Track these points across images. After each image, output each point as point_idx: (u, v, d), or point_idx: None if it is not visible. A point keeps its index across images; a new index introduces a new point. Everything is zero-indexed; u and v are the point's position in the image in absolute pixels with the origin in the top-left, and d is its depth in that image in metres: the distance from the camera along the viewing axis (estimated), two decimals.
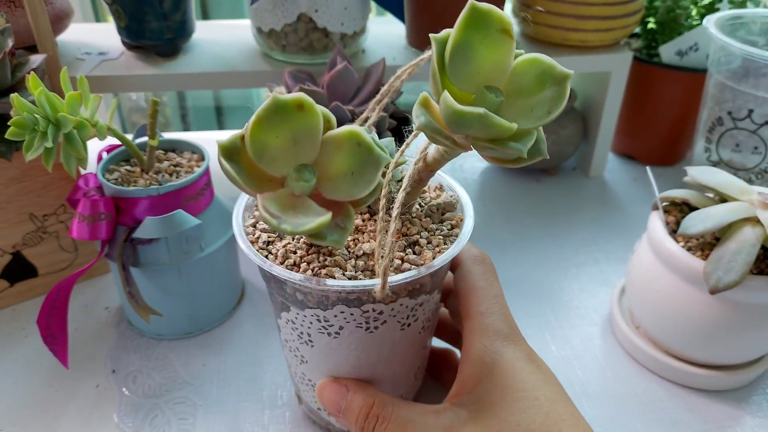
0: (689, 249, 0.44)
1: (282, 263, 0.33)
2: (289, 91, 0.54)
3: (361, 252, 0.33)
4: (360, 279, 0.32)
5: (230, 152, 0.27)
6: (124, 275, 0.44)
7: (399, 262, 0.33)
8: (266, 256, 0.34)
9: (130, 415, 0.44)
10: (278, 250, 0.34)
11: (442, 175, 0.39)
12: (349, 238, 0.34)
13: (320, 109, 0.28)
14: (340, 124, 0.30)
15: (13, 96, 0.40)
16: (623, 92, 0.67)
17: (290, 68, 0.56)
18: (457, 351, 0.45)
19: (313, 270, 0.33)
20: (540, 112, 0.26)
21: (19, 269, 0.52)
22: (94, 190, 0.46)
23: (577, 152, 0.75)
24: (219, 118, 1.08)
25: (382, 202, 0.33)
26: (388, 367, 0.37)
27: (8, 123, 0.39)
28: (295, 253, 0.34)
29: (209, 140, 0.42)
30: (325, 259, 0.33)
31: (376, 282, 0.30)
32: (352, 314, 0.33)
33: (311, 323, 0.35)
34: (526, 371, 0.32)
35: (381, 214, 0.31)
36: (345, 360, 0.36)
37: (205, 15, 1.07)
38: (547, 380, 0.32)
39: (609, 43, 0.64)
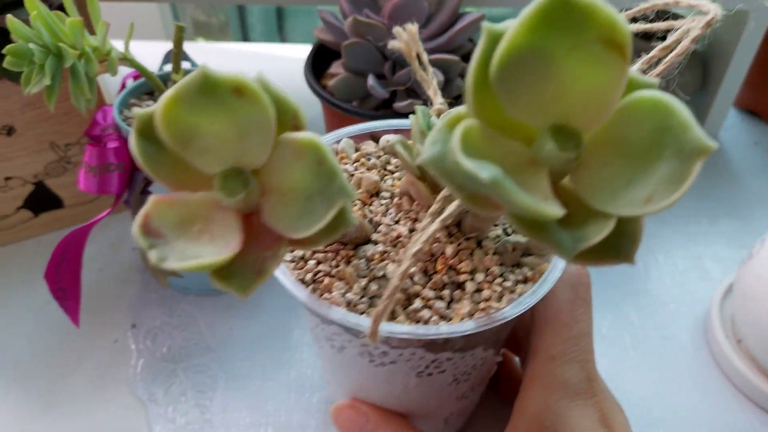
0: None
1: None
2: (345, 17, 0.45)
3: (382, 273, 0.26)
4: (360, 306, 0.25)
5: (151, 128, 0.18)
6: None
7: (419, 304, 0.25)
8: None
9: (146, 380, 0.41)
10: None
11: None
12: (382, 249, 0.27)
13: (282, 98, 0.19)
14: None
15: (8, 17, 0.33)
16: (762, 36, 0.53)
17: None
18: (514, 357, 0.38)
19: (315, 275, 0.26)
20: (638, 193, 0.16)
21: (43, 199, 0.48)
22: (112, 128, 0.39)
23: (690, 104, 0.62)
24: (279, 22, 0.98)
25: (435, 207, 0.25)
26: (402, 405, 0.31)
27: (2, 52, 0.33)
28: None
29: (264, 55, 0.33)
30: (338, 265, 0.27)
31: (365, 323, 0.24)
32: (350, 340, 0.27)
33: (316, 326, 0.29)
34: None
35: (419, 235, 0.23)
36: (349, 381, 0.31)
37: None
38: None
39: None
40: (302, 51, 0.71)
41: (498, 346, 0.30)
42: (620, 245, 0.17)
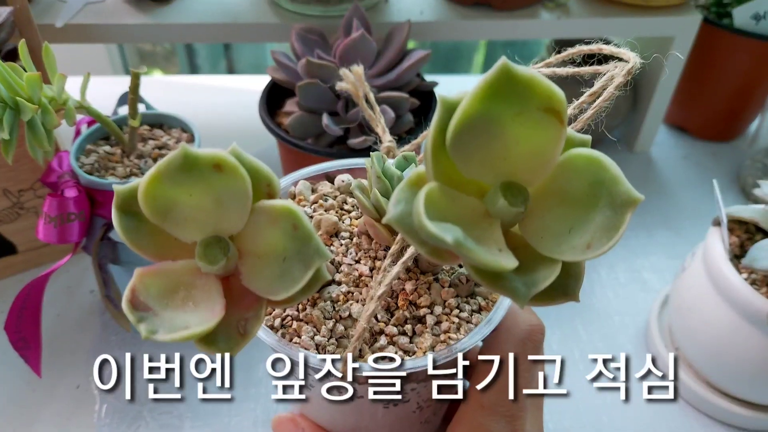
0: (753, 283, 0.37)
1: None
2: (298, 58, 0.46)
3: (347, 313, 0.27)
4: (329, 348, 0.26)
5: (129, 203, 0.20)
6: (101, 276, 0.39)
7: (385, 341, 0.26)
8: None
9: (112, 424, 0.41)
10: None
11: None
12: (345, 290, 0.28)
13: (256, 167, 0.20)
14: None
15: None
16: (686, 58, 0.58)
17: (299, 25, 0.48)
18: None
19: (283, 320, 0.27)
20: (578, 240, 0.18)
21: None
22: (69, 175, 0.40)
23: (623, 123, 0.66)
24: (227, 53, 0.99)
25: (395, 247, 0.27)
26: None
27: None
28: None
29: (215, 88, 0.34)
30: (304, 308, 0.28)
31: (336, 365, 0.25)
32: (319, 380, 0.28)
33: (284, 366, 0.30)
34: None
35: (380, 277, 0.25)
36: (317, 416, 0.32)
37: None
38: None
39: (675, 2, 0.55)
40: (251, 82, 0.73)
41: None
42: (566, 285, 0.19)
